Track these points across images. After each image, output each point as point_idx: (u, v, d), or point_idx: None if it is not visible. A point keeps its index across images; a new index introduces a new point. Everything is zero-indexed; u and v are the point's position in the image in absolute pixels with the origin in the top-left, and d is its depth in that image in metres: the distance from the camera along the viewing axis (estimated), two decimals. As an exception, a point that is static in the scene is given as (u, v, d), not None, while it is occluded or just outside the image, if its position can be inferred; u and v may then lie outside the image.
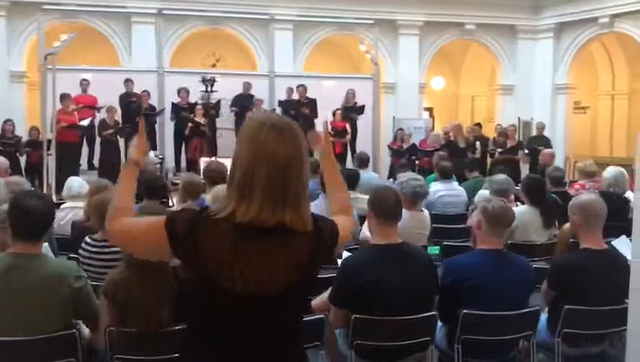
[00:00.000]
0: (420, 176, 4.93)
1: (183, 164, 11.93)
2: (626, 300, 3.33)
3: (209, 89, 11.57)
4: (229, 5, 14.08)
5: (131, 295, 2.67)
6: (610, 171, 6.04)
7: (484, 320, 3.14)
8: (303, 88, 12.19)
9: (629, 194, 6.04)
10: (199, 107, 11.52)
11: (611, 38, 16.20)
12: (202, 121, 11.42)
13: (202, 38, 15.35)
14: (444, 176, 6.66)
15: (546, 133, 13.39)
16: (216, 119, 11.95)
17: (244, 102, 12.22)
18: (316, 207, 4.64)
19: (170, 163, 11.92)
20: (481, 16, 15.53)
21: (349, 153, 12.00)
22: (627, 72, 17.50)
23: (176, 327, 2.72)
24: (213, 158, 10.59)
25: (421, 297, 3.14)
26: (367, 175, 7.61)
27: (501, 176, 6.00)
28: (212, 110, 11.71)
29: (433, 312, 3.15)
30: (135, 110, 11.33)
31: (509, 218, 3.35)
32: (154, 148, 11.08)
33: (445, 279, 3.25)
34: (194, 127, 11.33)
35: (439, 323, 3.29)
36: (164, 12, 13.15)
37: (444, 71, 18.16)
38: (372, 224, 3.23)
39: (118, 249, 3.55)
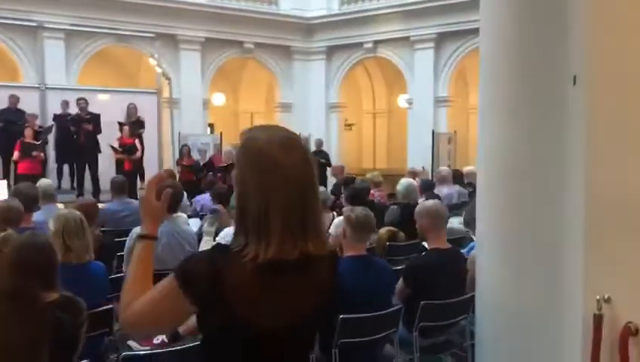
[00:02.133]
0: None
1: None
2: (467, 292, 3.78)
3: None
4: (-14, 9, 12.55)
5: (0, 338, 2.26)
6: (402, 184, 6.59)
7: (360, 323, 3.29)
8: (84, 102, 11.27)
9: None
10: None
11: (372, 63, 18.03)
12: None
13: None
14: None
15: (323, 147, 14.36)
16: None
17: (11, 117, 10.95)
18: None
19: None
20: (259, 35, 16.15)
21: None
22: (386, 92, 19.62)
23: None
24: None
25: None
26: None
27: (320, 188, 6.32)
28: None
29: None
30: None
31: (372, 224, 3.58)
32: None
33: (320, 287, 3.32)
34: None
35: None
36: None
37: (224, 87, 18.38)
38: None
39: None
